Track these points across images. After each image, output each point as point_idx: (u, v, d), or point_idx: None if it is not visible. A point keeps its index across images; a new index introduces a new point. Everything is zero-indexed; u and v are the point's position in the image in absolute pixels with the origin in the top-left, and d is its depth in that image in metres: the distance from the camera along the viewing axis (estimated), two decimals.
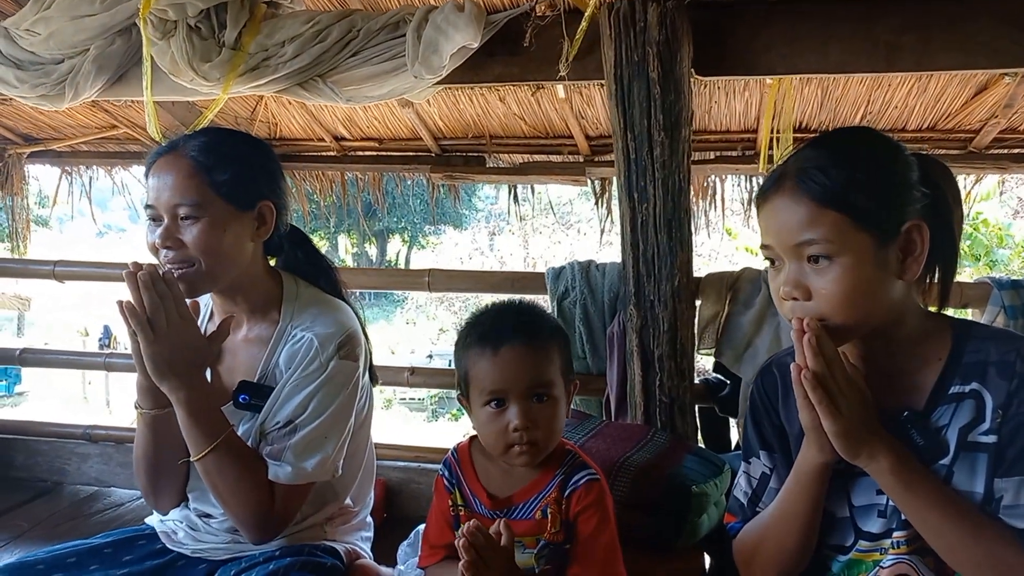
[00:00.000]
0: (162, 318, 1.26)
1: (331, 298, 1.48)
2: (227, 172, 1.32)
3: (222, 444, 1.31)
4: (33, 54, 2.00)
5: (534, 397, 1.18)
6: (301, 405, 1.34)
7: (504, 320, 1.22)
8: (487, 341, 1.20)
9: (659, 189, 1.78)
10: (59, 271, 2.36)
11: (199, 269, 1.32)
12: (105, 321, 13.56)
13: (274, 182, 1.42)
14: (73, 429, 2.40)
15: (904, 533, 1.05)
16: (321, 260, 1.57)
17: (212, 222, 1.31)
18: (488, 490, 1.25)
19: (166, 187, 1.31)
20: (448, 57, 1.85)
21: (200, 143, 1.34)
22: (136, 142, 3.09)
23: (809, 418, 1.03)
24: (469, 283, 2.20)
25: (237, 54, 1.88)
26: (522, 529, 1.19)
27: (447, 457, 1.32)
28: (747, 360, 1.92)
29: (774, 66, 1.81)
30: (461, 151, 2.97)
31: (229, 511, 1.36)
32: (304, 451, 1.34)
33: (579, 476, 1.22)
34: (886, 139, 1.07)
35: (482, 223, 19.04)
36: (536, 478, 1.23)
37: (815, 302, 1.01)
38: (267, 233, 1.41)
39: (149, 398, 1.36)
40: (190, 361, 1.30)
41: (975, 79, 2.29)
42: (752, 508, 1.22)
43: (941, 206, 1.05)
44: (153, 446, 1.40)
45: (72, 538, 1.50)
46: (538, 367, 1.19)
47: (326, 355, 1.35)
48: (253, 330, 1.42)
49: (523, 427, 1.16)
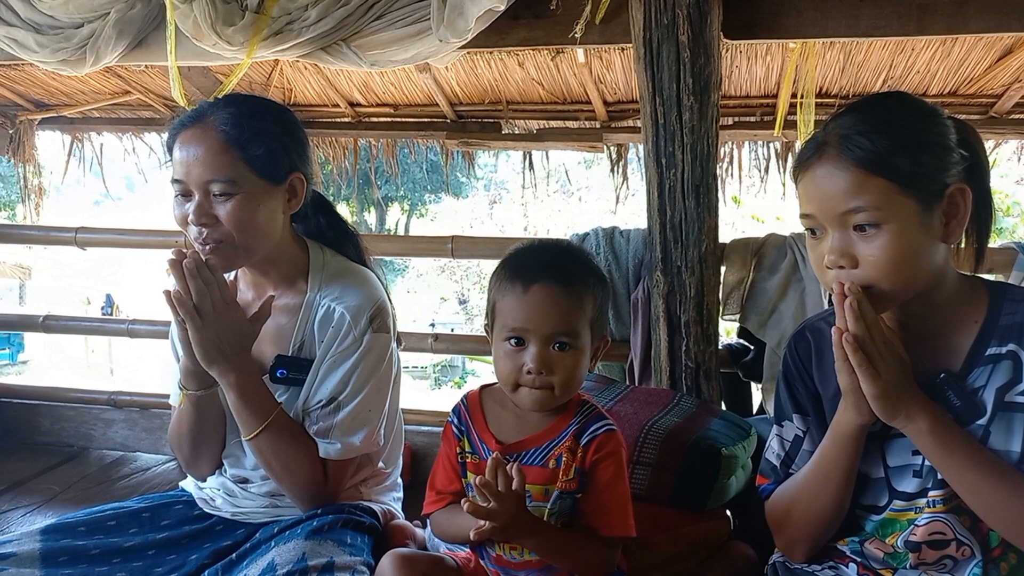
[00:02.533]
0: (208, 304, 1.26)
1: (358, 267, 1.48)
2: (261, 147, 1.31)
3: (273, 423, 1.33)
4: (52, 18, 1.97)
5: (556, 344, 1.14)
6: (342, 382, 1.36)
7: (543, 257, 1.19)
8: (519, 276, 1.16)
9: (687, 154, 1.78)
10: (80, 238, 2.37)
11: (233, 244, 1.31)
12: (108, 290, 13.58)
13: (304, 153, 1.41)
14: (98, 395, 2.44)
15: (940, 492, 1.07)
16: (344, 226, 1.56)
17: (247, 198, 1.30)
18: (497, 436, 1.23)
19: (197, 162, 1.29)
20: (474, 20, 1.82)
21: (230, 115, 1.31)
22: (149, 108, 3.06)
23: (848, 381, 1.05)
24: (493, 249, 2.20)
25: (260, 18, 1.85)
26: (531, 476, 1.16)
27: (456, 404, 1.30)
28: (772, 325, 1.93)
29: (804, 30, 1.79)
30: (477, 117, 2.94)
31: (283, 486, 1.39)
32: (351, 427, 1.37)
33: (598, 426, 1.19)
34: (923, 103, 1.07)
35: (481, 191, 18.96)
36: (550, 425, 1.21)
37: (862, 269, 1.02)
38: (298, 205, 1.41)
39: (194, 380, 1.37)
40: (237, 344, 1.31)
41: (1000, 42, 2.26)
42: (785, 470, 1.23)
43: (978, 168, 1.06)
44: (198, 423, 1.42)
45: (102, 501, 1.53)
46: (566, 314, 1.14)
47: (359, 329, 1.36)
48: (280, 299, 1.43)
49: (536, 371, 1.13)
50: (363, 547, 1.35)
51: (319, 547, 1.28)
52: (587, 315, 1.17)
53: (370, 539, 1.40)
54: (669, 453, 1.53)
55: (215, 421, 1.44)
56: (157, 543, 1.41)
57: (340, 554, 1.28)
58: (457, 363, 14.50)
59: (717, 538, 1.51)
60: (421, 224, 21.38)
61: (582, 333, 1.16)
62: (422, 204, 20.92)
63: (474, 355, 11.86)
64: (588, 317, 1.17)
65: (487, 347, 1.26)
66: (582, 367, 1.18)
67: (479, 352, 2.70)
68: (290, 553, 1.26)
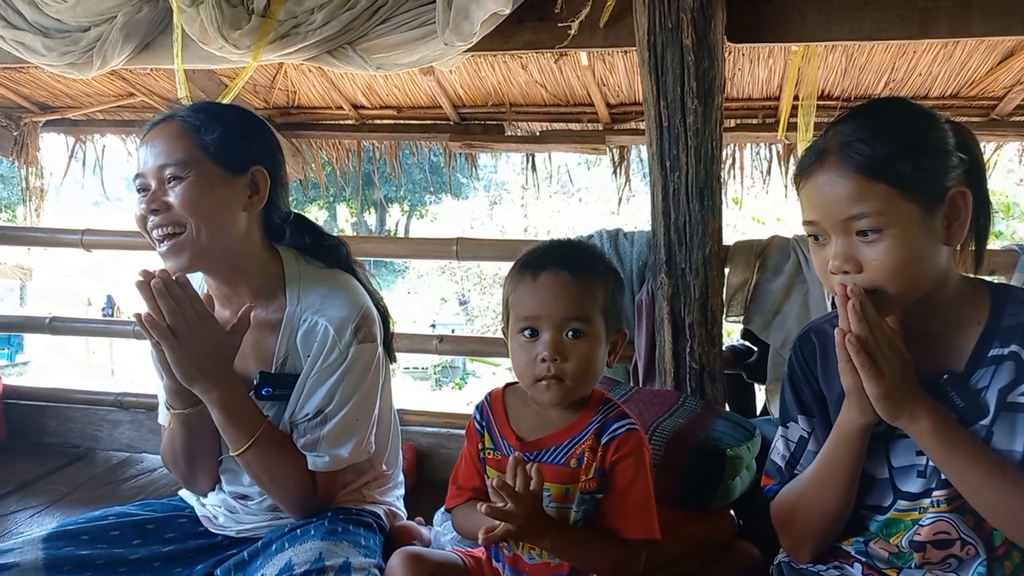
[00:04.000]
0: (182, 322, 1.23)
1: (335, 272, 1.43)
2: (215, 131, 1.29)
3: (261, 437, 1.31)
4: (59, 21, 1.98)
5: (569, 331, 1.13)
6: (328, 395, 1.34)
7: (553, 251, 1.20)
8: (529, 267, 1.17)
9: (691, 157, 1.79)
10: (87, 240, 2.38)
11: (189, 234, 1.27)
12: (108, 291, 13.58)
13: (268, 149, 1.38)
14: (104, 396, 2.45)
15: (944, 492, 1.08)
16: (329, 241, 1.50)
17: (198, 180, 1.27)
18: (518, 433, 1.22)
19: (154, 152, 1.28)
20: (479, 24, 1.83)
21: (192, 108, 1.32)
22: (153, 110, 3.07)
23: (852, 381, 1.05)
24: (498, 252, 2.20)
25: (266, 21, 1.86)
26: (550, 474, 1.16)
27: (480, 402, 1.30)
28: (775, 327, 1.95)
29: (808, 33, 1.80)
30: (480, 119, 2.95)
31: (274, 498, 1.38)
32: (338, 438, 1.35)
33: (619, 424, 1.17)
34: (920, 108, 1.08)
35: (481, 192, 18.98)
36: (571, 423, 1.19)
37: (866, 274, 1.03)
38: (260, 203, 1.36)
39: (179, 399, 1.35)
40: (217, 359, 1.28)
41: (1002, 45, 2.28)
42: (790, 471, 1.24)
43: (976, 171, 1.07)
44: (189, 441, 1.41)
45: (109, 502, 1.53)
46: (576, 298, 1.14)
47: (344, 342, 1.33)
48: (261, 314, 1.38)
49: (551, 358, 1.12)
50: (376, 548, 1.36)
51: (335, 547, 1.28)
52: (598, 301, 1.16)
53: (381, 539, 1.42)
54: (674, 454, 1.54)
55: (208, 437, 1.41)
56: (163, 555, 1.41)
57: (356, 555, 1.28)
58: (458, 364, 14.51)
59: (723, 538, 1.52)
60: (421, 225, 21.39)
61: (595, 320, 1.15)
62: (422, 205, 20.93)
63: (477, 356, 11.87)
64: (600, 304, 1.16)
65: (490, 348, 1.28)
66: (597, 357, 1.17)
67: (483, 353, 2.71)
68: (307, 553, 1.27)
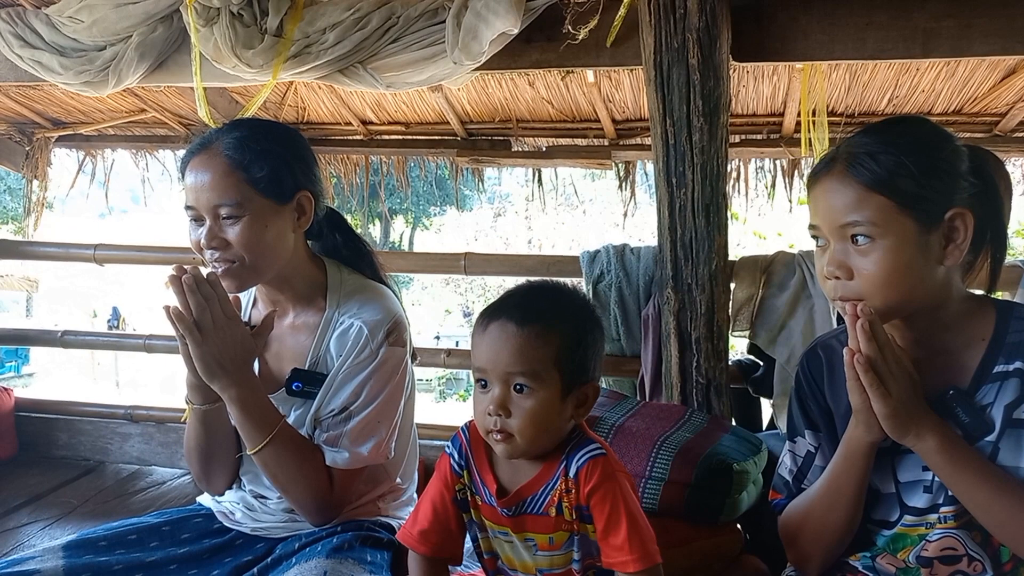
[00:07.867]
0: (208, 319, 1.27)
1: (375, 284, 1.50)
2: (264, 168, 1.33)
3: (277, 436, 1.34)
4: (75, 40, 2.02)
5: (516, 385, 1.06)
6: (354, 392, 1.37)
7: (510, 298, 1.13)
8: (484, 315, 1.12)
9: (697, 174, 1.81)
10: (99, 255, 2.40)
11: (244, 265, 1.33)
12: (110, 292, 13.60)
13: (309, 171, 1.43)
14: (115, 409, 2.47)
15: (951, 508, 1.09)
16: (360, 243, 1.58)
17: (254, 219, 1.32)
18: (500, 479, 1.14)
19: (204, 187, 1.32)
20: (487, 43, 1.87)
21: (234, 139, 1.34)
22: (164, 126, 3.11)
23: (860, 400, 1.06)
24: (505, 267, 2.23)
25: (280, 41, 1.90)
26: (539, 527, 1.12)
27: (456, 435, 1.19)
28: (781, 342, 1.96)
29: (812, 53, 1.83)
30: (487, 135, 2.99)
31: (289, 498, 1.40)
32: (359, 436, 1.37)
33: (582, 453, 1.09)
34: (938, 129, 1.10)
35: (485, 204, 19.02)
36: (540, 470, 1.12)
37: (856, 282, 1.05)
38: (307, 223, 1.42)
39: (199, 394, 1.39)
40: (238, 358, 1.31)
41: (1004, 63, 2.30)
42: (797, 485, 1.24)
43: (991, 196, 1.08)
44: (206, 438, 1.44)
45: (121, 515, 1.55)
46: (519, 353, 1.05)
47: (376, 342, 1.38)
48: (300, 317, 1.45)
49: (495, 412, 1.06)
50: (382, 564, 1.37)
51: (340, 566, 1.29)
52: (549, 354, 1.06)
53: (389, 555, 1.42)
54: (681, 468, 1.56)
55: (224, 437, 1.44)
56: (179, 558, 1.42)
57: (361, 572, 1.30)
58: (462, 376, 14.50)
59: (730, 552, 1.53)
60: (425, 237, 21.42)
61: (544, 374, 1.06)
62: (426, 216, 20.98)
63: None
64: (551, 356, 1.06)
65: None
66: (545, 413, 1.07)
67: None
68: (312, 572, 1.28)
